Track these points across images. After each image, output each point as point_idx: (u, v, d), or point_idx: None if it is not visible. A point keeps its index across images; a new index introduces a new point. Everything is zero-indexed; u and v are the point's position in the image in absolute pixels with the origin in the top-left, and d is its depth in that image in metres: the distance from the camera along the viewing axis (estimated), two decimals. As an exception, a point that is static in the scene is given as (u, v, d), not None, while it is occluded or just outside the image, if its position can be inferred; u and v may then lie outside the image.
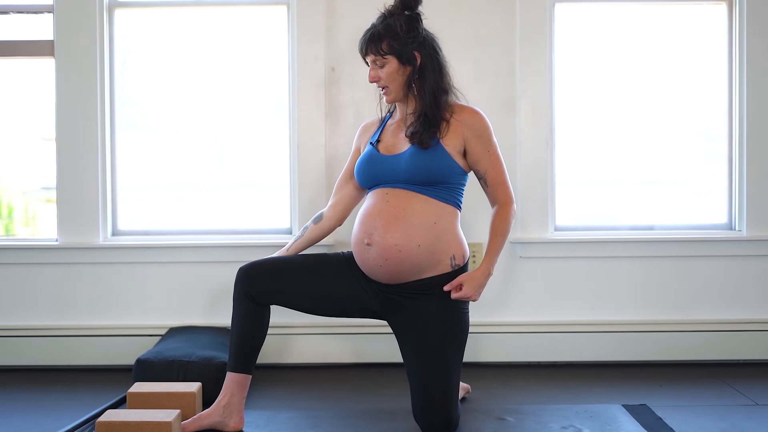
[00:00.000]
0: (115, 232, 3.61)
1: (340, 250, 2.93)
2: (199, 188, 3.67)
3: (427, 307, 2.56)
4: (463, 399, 2.99)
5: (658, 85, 3.62)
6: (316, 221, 2.81)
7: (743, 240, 3.52)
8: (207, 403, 2.82)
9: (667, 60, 3.62)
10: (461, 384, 2.91)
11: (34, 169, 3.75)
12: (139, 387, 2.78)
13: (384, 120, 2.75)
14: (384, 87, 2.61)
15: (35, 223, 3.76)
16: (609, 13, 3.62)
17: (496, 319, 3.53)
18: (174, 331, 3.41)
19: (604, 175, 3.65)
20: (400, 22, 2.56)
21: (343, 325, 3.46)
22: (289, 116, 3.56)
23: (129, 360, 3.37)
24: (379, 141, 2.67)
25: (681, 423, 2.72)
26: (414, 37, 2.57)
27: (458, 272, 2.59)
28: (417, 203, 2.54)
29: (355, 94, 3.50)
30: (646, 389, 3.15)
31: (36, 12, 3.59)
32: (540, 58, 3.50)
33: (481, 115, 2.62)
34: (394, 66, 2.58)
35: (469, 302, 2.62)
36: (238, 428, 2.64)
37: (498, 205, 2.66)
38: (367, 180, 2.64)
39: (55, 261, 3.52)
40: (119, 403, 2.91)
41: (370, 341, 3.49)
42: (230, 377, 2.65)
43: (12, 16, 3.62)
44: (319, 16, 3.48)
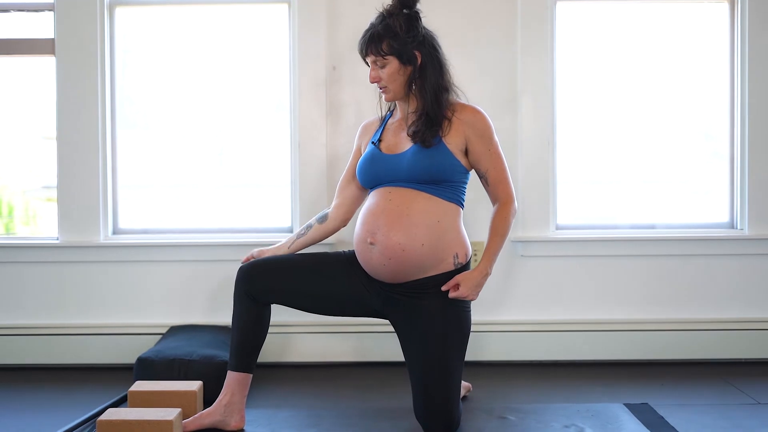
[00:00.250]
0: (116, 231, 3.60)
1: (341, 249, 2.93)
2: (200, 187, 3.66)
3: (429, 306, 2.56)
4: (465, 398, 2.99)
5: (659, 83, 3.62)
6: (321, 221, 2.80)
7: (745, 239, 3.51)
8: (208, 401, 2.81)
9: (669, 59, 3.61)
10: (462, 383, 2.91)
11: (35, 168, 3.75)
12: (140, 386, 2.78)
13: (384, 119, 2.75)
14: (384, 87, 2.61)
15: (35, 222, 3.76)
16: (610, 11, 3.62)
17: (498, 318, 3.52)
18: (175, 330, 3.41)
19: (606, 174, 3.65)
20: (400, 22, 2.55)
21: (344, 324, 3.46)
22: (290, 115, 3.56)
23: (130, 359, 3.37)
24: (380, 140, 2.67)
25: (683, 422, 2.72)
26: (414, 37, 2.56)
27: (460, 271, 2.59)
28: (420, 202, 2.53)
29: (356, 93, 3.49)
30: (647, 388, 3.14)
31: (37, 10, 3.59)
32: (541, 56, 3.50)
33: (483, 114, 2.62)
34: (395, 66, 2.57)
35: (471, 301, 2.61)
36: (239, 427, 2.64)
37: (499, 203, 2.65)
38: (370, 179, 2.64)
39: (55, 260, 3.52)
40: (120, 402, 2.90)
41: (371, 340, 3.49)
42: (231, 376, 2.65)
43: (12, 14, 3.62)
44: (320, 14, 3.48)
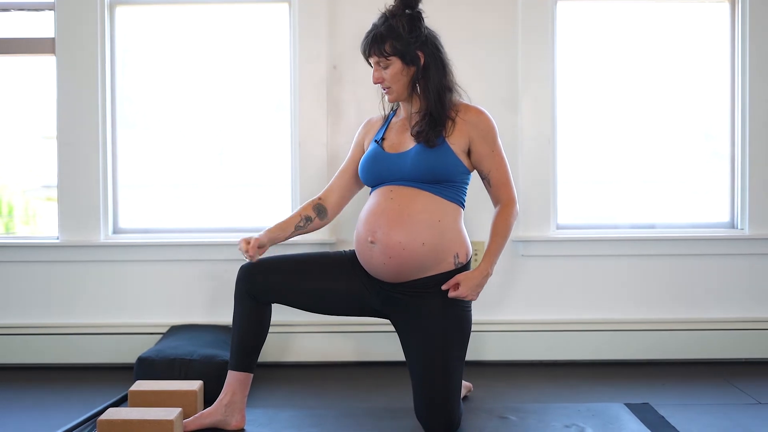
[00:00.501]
0: (117, 230, 3.60)
1: (342, 249, 2.93)
2: (201, 186, 3.66)
3: (430, 306, 2.55)
4: (466, 397, 2.98)
5: (659, 83, 3.62)
6: (322, 217, 2.77)
7: (745, 238, 3.51)
8: (208, 401, 2.81)
9: (669, 58, 3.61)
10: (463, 382, 2.91)
11: (35, 168, 3.74)
12: (140, 385, 2.78)
13: (388, 118, 2.74)
14: (387, 88, 2.60)
15: (35, 222, 3.76)
16: (611, 11, 3.62)
17: (498, 318, 3.52)
18: (175, 330, 3.41)
19: (606, 174, 3.65)
20: (402, 23, 2.54)
21: (344, 324, 3.46)
22: (291, 114, 3.56)
23: (130, 358, 3.36)
24: (383, 139, 2.66)
25: (684, 421, 2.72)
26: (416, 37, 2.55)
27: (461, 270, 2.58)
28: (422, 201, 2.53)
29: (357, 92, 3.49)
30: (648, 388, 3.14)
31: (37, 9, 3.58)
32: (542, 56, 3.49)
33: (487, 116, 2.61)
34: (398, 67, 2.56)
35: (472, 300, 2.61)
36: (239, 427, 2.64)
37: (501, 205, 2.65)
38: (372, 178, 2.63)
39: (56, 259, 3.51)
40: (121, 402, 2.90)
41: (371, 339, 3.49)
42: (232, 376, 2.64)
43: (13, 13, 3.61)
44: (320, 13, 3.47)
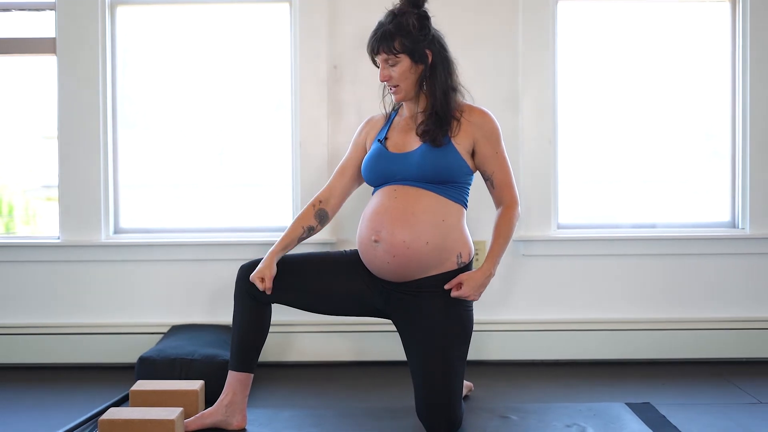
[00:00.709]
0: (117, 230, 3.60)
1: (343, 249, 2.93)
2: (201, 186, 3.66)
3: (432, 305, 2.55)
4: (467, 397, 2.99)
5: (660, 83, 3.61)
6: (324, 223, 2.73)
7: (747, 238, 3.51)
8: (209, 401, 2.81)
9: (670, 58, 3.61)
10: (465, 382, 2.91)
11: (35, 168, 3.74)
12: (141, 385, 2.78)
13: (390, 117, 2.73)
14: (395, 86, 2.58)
15: (35, 222, 3.76)
16: (611, 11, 3.61)
17: (500, 317, 3.52)
18: (176, 329, 3.41)
19: (607, 173, 3.65)
20: (412, 20, 2.54)
21: (345, 323, 3.46)
22: (292, 114, 3.56)
23: (131, 358, 3.36)
24: (386, 138, 2.65)
25: (685, 421, 2.72)
26: (425, 35, 2.55)
27: (463, 270, 2.58)
28: (426, 200, 2.53)
29: (358, 92, 3.49)
30: (649, 387, 3.14)
31: (38, 9, 3.58)
32: (543, 56, 3.49)
33: (491, 117, 2.62)
34: (407, 65, 2.56)
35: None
36: (240, 427, 2.64)
37: (503, 206, 2.65)
38: (376, 177, 2.62)
39: (57, 259, 3.51)
40: (122, 401, 2.90)
41: (372, 339, 3.48)
42: (232, 376, 2.64)
43: (14, 13, 3.61)
44: (321, 13, 3.47)
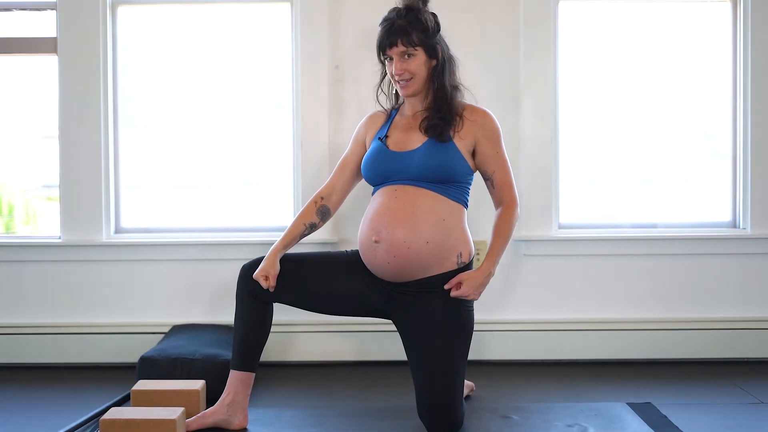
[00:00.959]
0: (118, 230, 3.60)
1: (344, 249, 2.92)
2: (202, 186, 3.66)
3: (432, 305, 2.55)
4: (468, 397, 2.99)
5: (661, 83, 3.61)
6: (325, 219, 2.75)
7: (748, 238, 3.51)
8: (211, 401, 2.81)
9: (671, 58, 3.61)
10: (466, 382, 2.91)
11: (35, 167, 3.74)
12: (143, 384, 2.78)
13: (391, 115, 2.73)
14: (408, 79, 2.57)
15: (35, 221, 3.76)
16: (612, 11, 3.61)
17: (501, 317, 3.52)
18: (177, 329, 3.41)
19: (608, 173, 3.65)
20: (426, 16, 2.56)
21: (346, 323, 3.45)
22: (293, 114, 3.55)
23: (133, 357, 3.36)
24: (387, 137, 2.65)
25: (686, 421, 2.72)
26: (437, 32, 2.58)
27: (463, 270, 2.58)
28: (426, 200, 2.53)
29: (359, 92, 3.48)
30: (650, 387, 3.14)
31: (39, 9, 3.58)
32: (544, 56, 3.49)
33: (492, 117, 2.63)
34: (423, 59, 2.57)
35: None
36: (242, 426, 2.64)
37: (503, 206, 2.65)
38: (376, 176, 2.62)
39: (58, 259, 3.51)
40: (123, 401, 2.90)
41: (373, 339, 3.48)
42: (234, 375, 2.65)
43: (15, 12, 3.61)
44: (322, 13, 3.47)
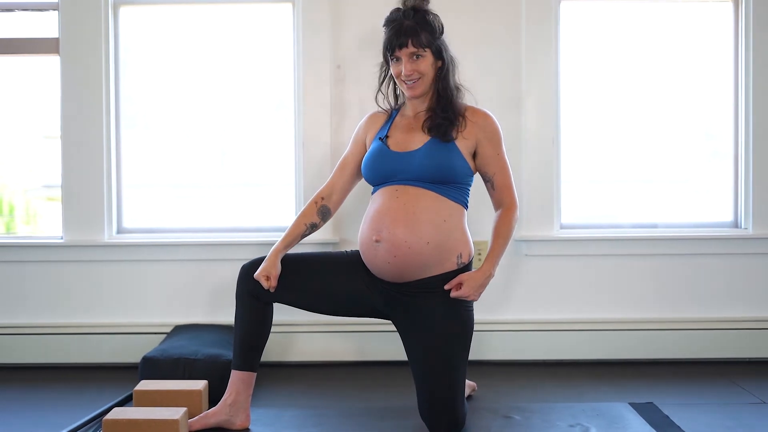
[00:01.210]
0: (120, 230, 3.60)
1: (344, 249, 2.92)
2: (204, 186, 3.66)
3: (432, 305, 2.55)
4: (470, 397, 2.99)
5: (663, 83, 3.61)
6: (326, 219, 2.75)
7: (749, 238, 3.51)
8: (213, 401, 2.81)
9: (673, 58, 3.61)
10: (468, 382, 2.91)
11: (36, 168, 3.75)
12: (145, 385, 2.78)
13: (391, 115, 2.73)
14: (417, 80, 2.58)
15: (36, 222, 3.76)
16: (614, 11, 3.62)
17: (502, 317, 3.52)
18: (179, 329, 3.42)
19: (610, 173, 3.65)
20: (432, 17, 2.58)
21: (346, 323, 3.46)
22: (295, 114, 3.56)
23: (135, 358, 3.37)
24: (388, 137, 2.65)
25: (688, 421, 2.72)
26: (442, 33, 2.60)
27: (463, 270, 2.58)
28: (427, 200, 2.53)
29: (361, 92, 3.49)
30: (652, 387, 3.14)
31: (41, 9, 3.59)
32: (545, 56, 3.49)
33: (493, 119, 2.64)
34: (430, 60, 2.58)
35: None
36: (244, 426, 2.64)
37: (503, 208, 2.66)
38: (377, 176, 2.62)
39: (60, 259, 3.51)
40: (126, 401, 2.91)
41: (374, 339, 3.49)
42: (235, 375, 2.65)
43: (17, 13, 3.61)
44: (324, 13, 3.47)
